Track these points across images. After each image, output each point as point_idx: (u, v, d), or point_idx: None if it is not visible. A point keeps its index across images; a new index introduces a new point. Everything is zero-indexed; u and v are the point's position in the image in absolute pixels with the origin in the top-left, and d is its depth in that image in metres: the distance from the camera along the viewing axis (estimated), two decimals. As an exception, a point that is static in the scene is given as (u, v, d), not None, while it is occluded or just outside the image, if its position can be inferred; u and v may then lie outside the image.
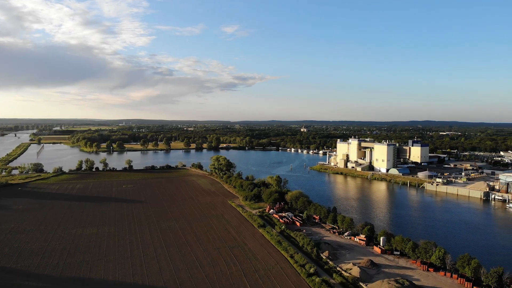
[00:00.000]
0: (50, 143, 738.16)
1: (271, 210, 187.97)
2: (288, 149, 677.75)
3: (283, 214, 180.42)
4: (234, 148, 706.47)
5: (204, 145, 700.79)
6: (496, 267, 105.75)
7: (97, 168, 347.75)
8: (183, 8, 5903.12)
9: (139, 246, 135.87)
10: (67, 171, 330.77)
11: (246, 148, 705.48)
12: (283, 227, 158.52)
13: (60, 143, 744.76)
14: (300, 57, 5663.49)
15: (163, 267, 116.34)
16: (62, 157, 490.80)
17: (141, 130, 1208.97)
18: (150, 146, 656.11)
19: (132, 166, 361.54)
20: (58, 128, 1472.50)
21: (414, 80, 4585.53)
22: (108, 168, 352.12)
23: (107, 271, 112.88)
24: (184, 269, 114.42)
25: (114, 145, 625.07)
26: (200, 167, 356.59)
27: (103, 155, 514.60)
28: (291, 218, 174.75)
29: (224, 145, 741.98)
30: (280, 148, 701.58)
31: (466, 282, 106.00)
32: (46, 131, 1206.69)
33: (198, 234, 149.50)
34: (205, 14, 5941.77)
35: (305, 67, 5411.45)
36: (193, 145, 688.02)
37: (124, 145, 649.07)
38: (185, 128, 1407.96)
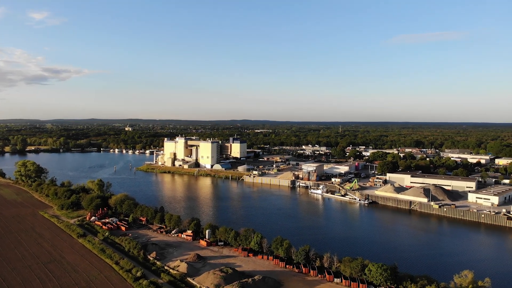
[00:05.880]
0: None
1: (93, 218, 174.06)
2: (112, 150, 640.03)
3: (107, 220, 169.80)
4: (45, 150, 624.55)
5: (7, 149, 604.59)
6: (303, 246, 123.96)
7: None
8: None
9: None
10: None
11: (61, 150, 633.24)
12: (106, 234, 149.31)
13: None
14: (122, 51, 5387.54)
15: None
16: None
17: None
18: None
19: None
20: None
21: (233, 82, 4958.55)
22: None
23: None
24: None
25: None
26: (2, 174, 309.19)
27: None
28: (116, 224, 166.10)
29: (33, 147, 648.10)
30: (102, 149, 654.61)
31: (280, 262, 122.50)
32: None
33: (4, 253, 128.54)
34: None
35: (128, 62, 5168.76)
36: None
37: None
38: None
